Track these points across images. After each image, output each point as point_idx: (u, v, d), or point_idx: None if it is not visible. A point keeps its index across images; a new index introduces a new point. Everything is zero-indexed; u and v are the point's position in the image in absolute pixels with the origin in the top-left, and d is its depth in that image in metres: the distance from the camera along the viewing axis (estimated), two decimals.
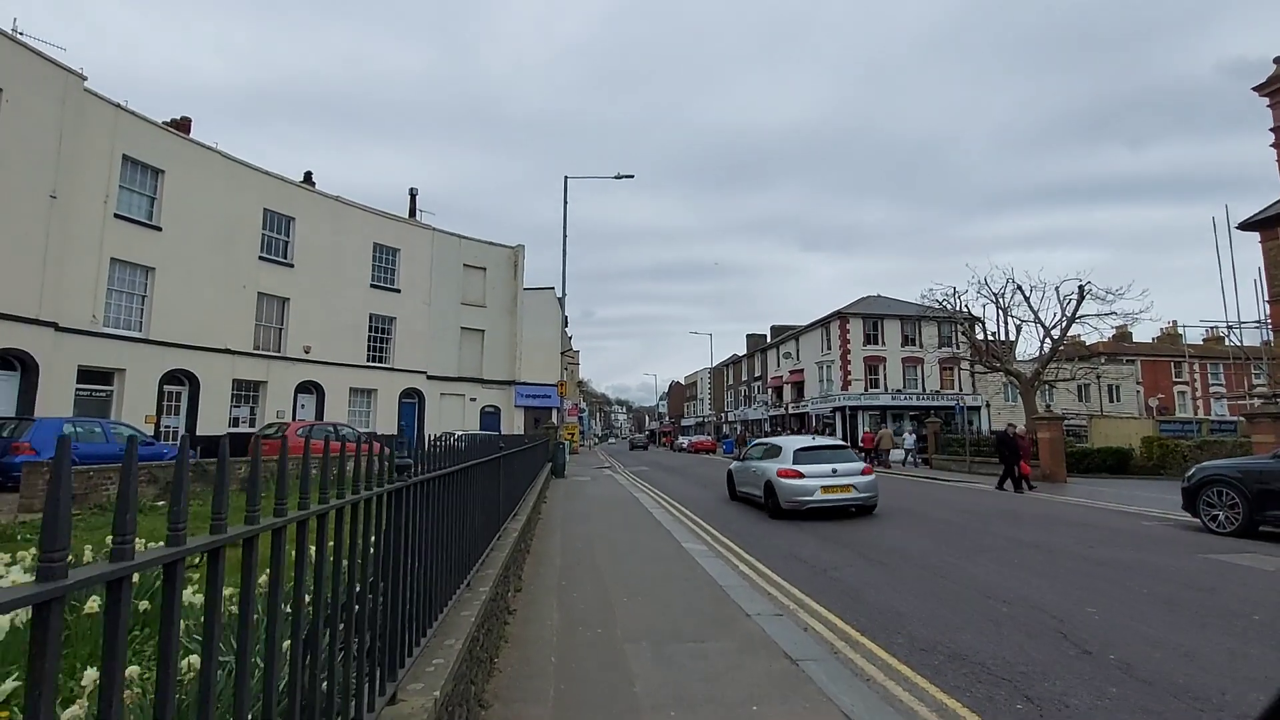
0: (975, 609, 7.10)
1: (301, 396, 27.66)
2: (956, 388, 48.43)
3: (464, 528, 4.84)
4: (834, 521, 13.06)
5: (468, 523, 5.03)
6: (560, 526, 12.12)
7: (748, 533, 12.09)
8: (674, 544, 10.51)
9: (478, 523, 5.48)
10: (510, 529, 7.81)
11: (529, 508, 10.19)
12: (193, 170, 23.66)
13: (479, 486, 5.70)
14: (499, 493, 7.05)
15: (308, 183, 29.49)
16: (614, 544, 10.44)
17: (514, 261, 36.65)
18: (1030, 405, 32.29)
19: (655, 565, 8.91)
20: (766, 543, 11.06)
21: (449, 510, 4.25)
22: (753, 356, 72.49)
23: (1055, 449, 22.59)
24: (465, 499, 4.93)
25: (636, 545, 10.35)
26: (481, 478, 5.91)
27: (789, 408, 58.61)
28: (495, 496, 6.72)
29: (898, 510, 14.83)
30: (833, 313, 49.80)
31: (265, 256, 26.25)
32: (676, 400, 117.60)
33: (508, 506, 8.05)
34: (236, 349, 24.88)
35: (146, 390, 22.02)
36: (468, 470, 5.08)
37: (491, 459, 6.23)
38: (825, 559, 9.73)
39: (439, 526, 3.89)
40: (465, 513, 4.97)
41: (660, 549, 10.06)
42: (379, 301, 30.78)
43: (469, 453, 5.23)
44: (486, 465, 6.11)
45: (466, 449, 5.14)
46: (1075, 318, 30.99)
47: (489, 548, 6.27)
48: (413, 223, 33.57)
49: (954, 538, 11.26)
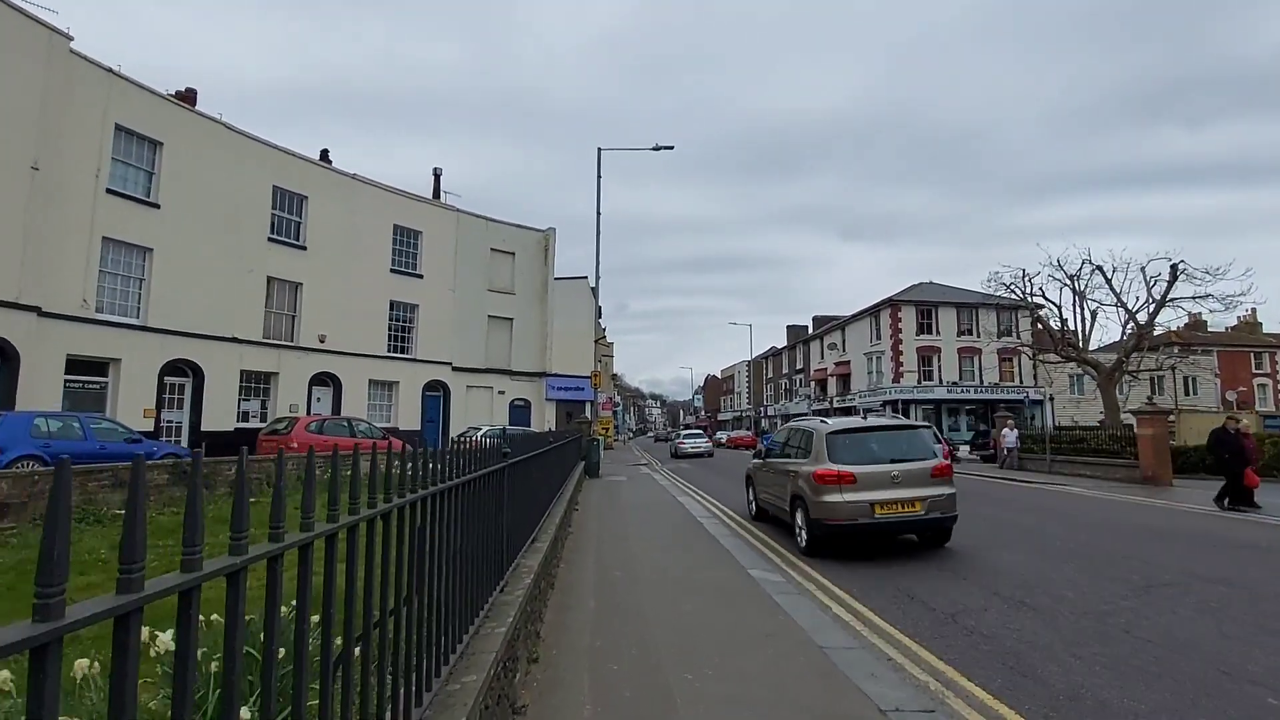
0: (1214, 696, 4.57)
1: (317, 389, 25.81)
2: (1017, 380, 45.10)
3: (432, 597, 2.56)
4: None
5: (435, 589, 2.75)
6: (594, 545, 9.77)
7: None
8: (739, 572, 8.10)
9: (452, 586, 3.15)
10: (525, 567, 5.50)
11: (554, 524, 7.88)
12: (194, 143, 21.83)
13: (466, 517, 3.41)
14: (499, 522, 4.72)
15: (324, 161, 27.61)
16: (663, 573, 8.06)
17: (544, 246, 34.46)
18: (1110, 399, 29.19)
19: (721, 610, 6.50)
20: (855, 564, 8.58)
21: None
22: (794, 348, 69.54)
23: (1160, 448, 19.61)
24: (432, 545, 2.66)
25: (692, 576, 7.95)
26: (472, 503, 3.64)
27: (833, 402, 55.64)
28: (491, 529, 4.39)
29: (993, 522, 12.21)
30: (883, 300, 46.75)
31: (275, 238, 24.39)
32: (713, 394, 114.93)
33: (518, 536, 5.74)
34: (244, 337, 23.06)
35: (145, 382, 20.27)
36: (434, 501, 2.81)
37: (478, 476, 3.90)
38: (945, 594, 7.22)
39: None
40: (431, 573, 2.72)
41: (724, 581, 7.65)
42: (400, 287, 28.81)
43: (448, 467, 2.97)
44: (475, 485, 3.80)
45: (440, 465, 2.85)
46: (1166, 300, 27.75)
47: (485, 609, 3.97)
48: (436, 204, 31.55)
49: (1105, 565, 8.65)
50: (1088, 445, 24.18)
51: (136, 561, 1.09)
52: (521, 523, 6.03)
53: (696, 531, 11.08)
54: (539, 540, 6.79)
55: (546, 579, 6.70)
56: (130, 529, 1.10)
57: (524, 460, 6.13)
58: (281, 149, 24.84)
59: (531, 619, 5.32)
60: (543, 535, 7.08)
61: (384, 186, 28.71)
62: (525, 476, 6.21)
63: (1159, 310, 28.06)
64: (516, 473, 5.70)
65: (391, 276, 28.50)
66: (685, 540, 10.26)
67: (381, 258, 28.20)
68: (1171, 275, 27.26)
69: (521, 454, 5.97)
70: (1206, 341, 53.57)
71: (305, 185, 25.48)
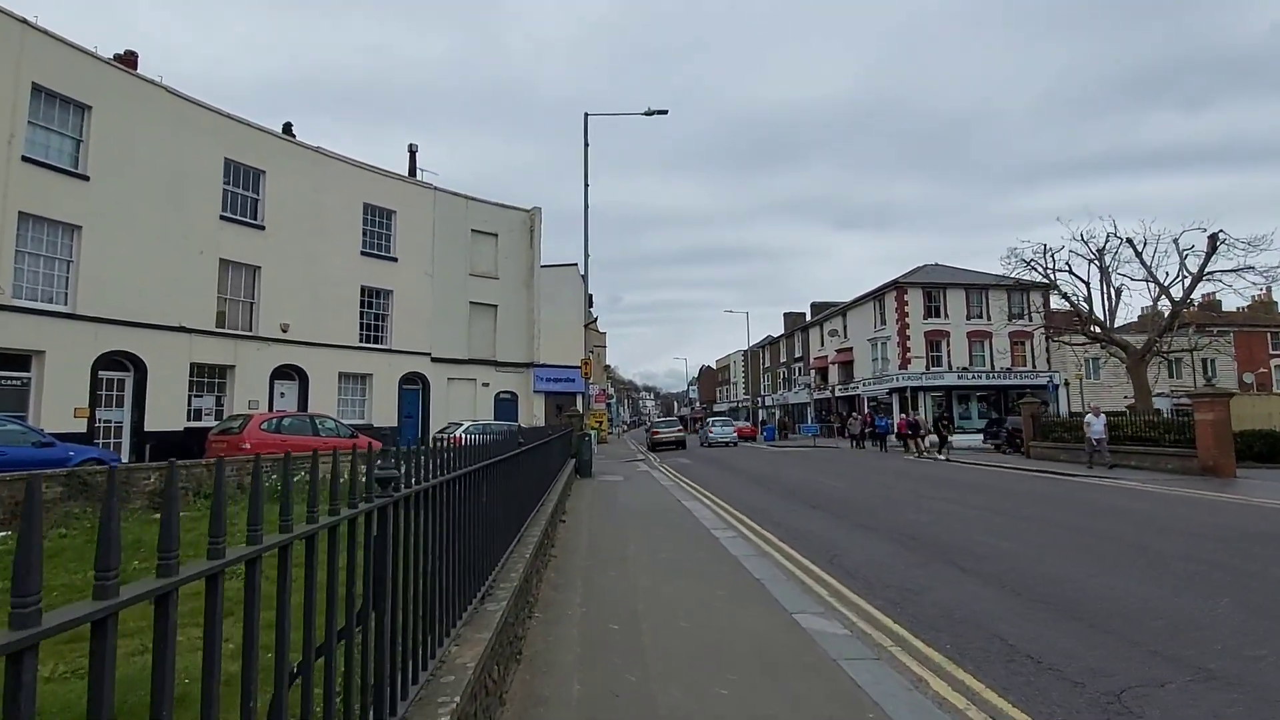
0: None
1: (281, 383, 23.43)
2: (1030, 364, 42.97)
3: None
4: (1019, 566, 8.32)
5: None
6: (583, 577, 7.50)
7: (879, 575, 7.41)
8: (781, 620, 5.88)
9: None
10: (465, 651, 3.28)
11: (527, 555, 5.66)
12: (130, 109, 19.37)
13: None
14: (447, 572, 2.44)
15: (288, 134, 25.13)
16: (677, 624, 5.80)
17: (529, 227, 32.06)
18: (1141, 382, 27.12)
19: (771, 701, 4.26)
20: (922, 594, 6.37)
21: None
22: (792, 336, 67.30)
23: (1222, 434, 17.49)
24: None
25: (718, 628, 5.70)
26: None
27: (835, 390, 53.51)
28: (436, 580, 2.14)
29: (1074, 530, 10.03)
30: (888, 283, 44.49)
31: (229, 216, 21.94)
32: (708, 385, 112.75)
33: (476, 577, 3.50)
34: (194, 326, 20.65)
35: (76, 377, 17.88)
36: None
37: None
38: (1085, 659, 4.98)
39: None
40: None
41: (765, 638, 5.41)
42: (372, 271, 26.40)
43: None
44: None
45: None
46: (1203, 274, 25.63)
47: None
48: (411, 181, 29.08)
49: (1263, 596, 6.46)
50: (1124, 433, 22.05)
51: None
52: (469, 570, 3.82)
53: (713, 550, 8.84)
54: (498, 589, 4.56)
55: (508, 650, 4.46)
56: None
57: (470, 475, 3.92)
58: (235, 118, 22.36)
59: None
60: (505, 579, 4.85)
61: (352, 161, 26.26)
62: (472, 500, 4.00)
63: (1195, 285, 25.99)
64: (458, 496, 3.52)
65: (362, 260, 26.08)
66: (700, 564, 8.02)
67: (351, 239, 25.77)
68: (1210, 246, 25.16)
69: (462, 467, 3.75)
70: (1223, 322, 51.63)
71: (262, 158, 23.02)
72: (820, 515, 12.08)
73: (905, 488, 16.26)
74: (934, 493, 15.10)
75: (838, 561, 8.41)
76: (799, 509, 12.89)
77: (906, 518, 11.54)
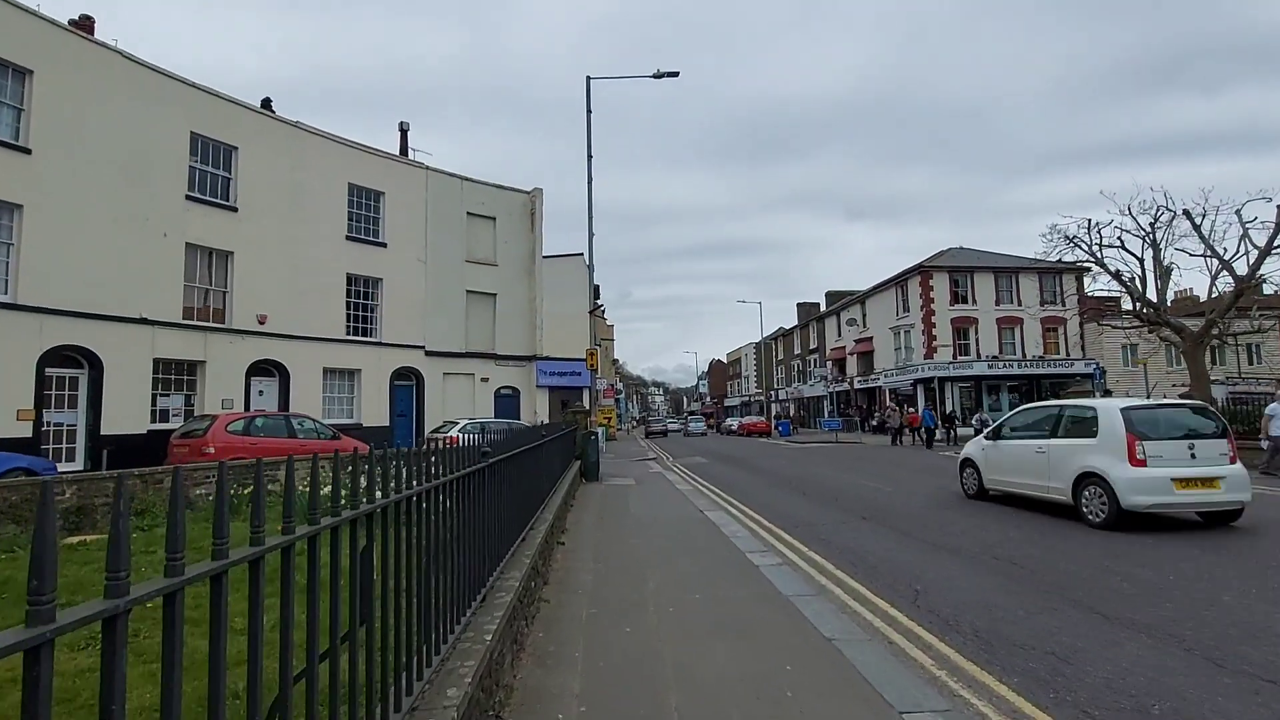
0: None
1: (259, 380, 21.41)
2: (1063, 352, 40.58)
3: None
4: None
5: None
6: (584, 635, 5.34)
7: (995, 627, 5.21)
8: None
9: None
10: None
11: (495, 625, 3.55)
12: (80, 76, 17.33)
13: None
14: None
15: (267, 110, 23.04)
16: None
17: (530, 210, 29.91)
18: (1199, 368, 24.80)
19: None
20: (1091, 677, 4.21)
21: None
22: (806, 327, 64.98)
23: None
24: None
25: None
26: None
27: (854, 382, 51.25)
28: None
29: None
30: (912, 267, 42.13)
31: (196, 196, 19.88)
32: (718, 379, 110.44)
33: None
34: (157, 318, 18.63)
35: (18, 375, 15.90)
36: None
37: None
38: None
39: None
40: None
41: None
42: (359, 258, 24.33)
43: None
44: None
45: None
46: (1271, 248, 23.23)
47: None
48: (400, 160, 26.95)
49: None
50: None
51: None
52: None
53: (756, 588, 6.69)
54: (445, 685, 2.45)
55: None
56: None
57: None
58: (202, 87, 20.29)
59: None
60: (455, 668, 2.74)
61: (335, 138, 24.17)
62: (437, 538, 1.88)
63: (1262, 259, 23.56)
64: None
65: (348, 245, 24.01)
66: (745, 613, 5.86)
67: (335, 222, 23.69)
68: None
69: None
70: (1263, 305, 48.87)
71: (234, 133, 20.95)
72: (875, 530, 9.89)
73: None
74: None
75: (927, 604, 6.24)
76: (848, 521, 10.70)
77: (989, 533, 9.35)
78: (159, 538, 9.15)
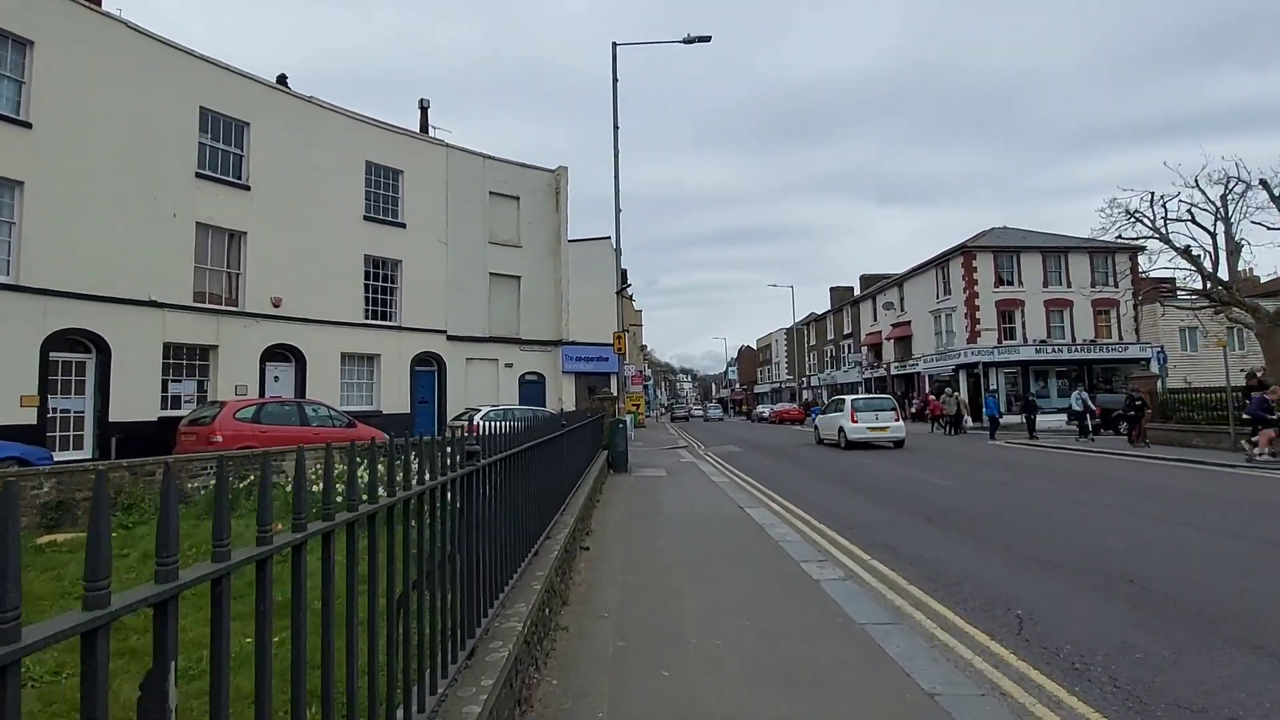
0: None
1: (275, 366, 20.65)
2: (1116, 336, 38.46)
3: None
4: None
5: None
6: (609, 678, 4.21)
7: (1132, 671, 3.98)
8: None
9: None
10: None
11: (497, 677, 2.40)
12: (83, 48, 16.52)
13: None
14: None
15: (282, 85, 22.15)
16: None
17: (555, 189, 28.75)
18: (1274, 351, 22.90)
19: None
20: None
21: None
22: (840, 312, 63.09)
23: None
24: None
25: None
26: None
27: (890, 368, 49.44)
28: None
29: None
30: (954, 247, 40.20)
31: (206, 174, 19.05)
32: (748, 366, 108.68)
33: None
34: (167, 301, 17.88)
35: (22, 359, 15.23)
36: None
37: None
38: None
39: None
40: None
41: None
42: (378, 239, 23.42)
43: None
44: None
45: None
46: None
47: None
48: (420, 137, 25.94)
49: None
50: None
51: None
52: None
53: (820, 611, 5.49)
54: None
55: None
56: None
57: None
58: (212, 60, 19.42)
59: None
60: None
61: (352, 114, 23.20)
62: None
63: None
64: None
65: (366, 225, 23.08)
66: (811, 651, 4.67)
67: (352, 202, 22.77)
68: None
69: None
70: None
71: (246, 109, 20.07)
72: (948, 535, 8.61)
73: (1035, 488, 12.68)
74: (1081, 495, 11.52)
75: (1035, 633, 5.02)
76: (914, 524, 9.42)
77: (1080, 540, 8.04)
78: (139, 536, 8.26)
